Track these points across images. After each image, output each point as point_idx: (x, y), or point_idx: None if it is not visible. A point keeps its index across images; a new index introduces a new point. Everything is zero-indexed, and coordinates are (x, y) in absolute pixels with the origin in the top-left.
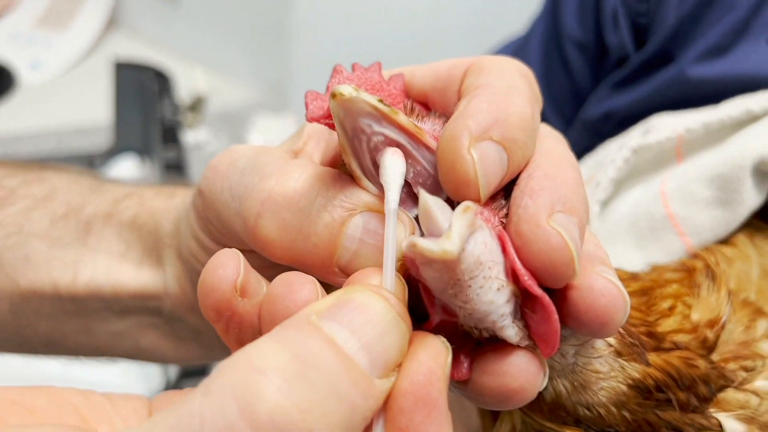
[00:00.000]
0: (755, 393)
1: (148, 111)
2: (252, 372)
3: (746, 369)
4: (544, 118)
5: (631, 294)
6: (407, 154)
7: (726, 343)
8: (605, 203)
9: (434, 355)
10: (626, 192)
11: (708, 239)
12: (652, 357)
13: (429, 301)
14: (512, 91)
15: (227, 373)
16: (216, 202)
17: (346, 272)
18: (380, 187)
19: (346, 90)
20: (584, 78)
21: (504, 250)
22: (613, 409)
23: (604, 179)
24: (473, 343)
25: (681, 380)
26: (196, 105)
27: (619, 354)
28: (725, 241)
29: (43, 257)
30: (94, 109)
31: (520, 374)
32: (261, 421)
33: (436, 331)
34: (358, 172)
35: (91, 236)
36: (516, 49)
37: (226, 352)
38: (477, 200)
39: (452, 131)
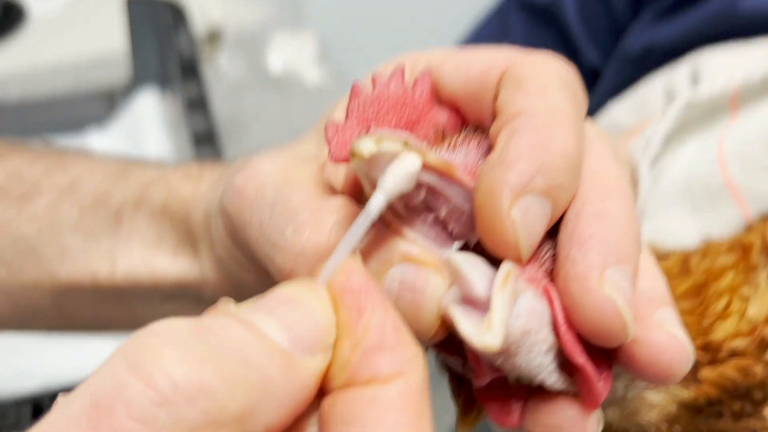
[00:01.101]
0: None
1: (164, 45)
2: (145, 334)
3: None
4: (581, 53)
5: (684, 295)
6: (437, 195)
7: None
8: (655, 162)
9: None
10: (679, 147)
11: None
12: (706, 372)
13: (476, 363)
14: (555, 120)
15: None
16: (246, 233)
17: None
18: (414, 229)
19: (366, 148)
20: (623, 7)
21: (552, 309)
22: (663, 427)
23: (655, 138)
24: (524, 390)
25: (736, 392)
26: (213, 37)
27: None
28: None
29: (78, 249)
30: (109, 38)
31: (571, 426)
32: (154, 376)
33: (486, 387)
34: (389, 216)
35: (123, 225)
36: None
37: None
38: (519, 261)
39: (490, 187)
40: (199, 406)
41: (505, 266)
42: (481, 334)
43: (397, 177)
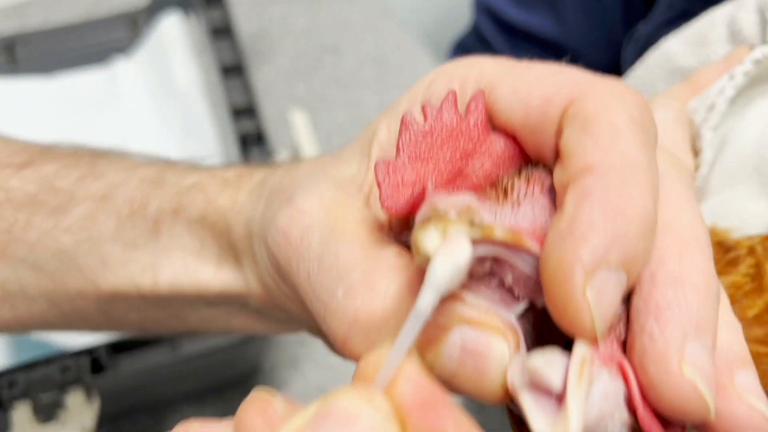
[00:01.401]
0: None
1: None
2: None
3: None
4: None
5: (757, 320)
6: (503, 263)
7: None
8: (718, 127)
9: None
10: (744, 111)
11: None
12: None
13: None
14: (629, 177)
15: None
16: (294, 280)
17: (448, 385)
18: (476, 293)
19: (431, 244)
20: None
21: (627, 387)
22: None
23: (720, 100)
24: None
25: None
26: None
27: None
28: None
29: (119, 260)
30: None
31: None
32: None
33: None
34: None
35: (162, 234)
36: None
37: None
38: (594, 342)
39: (561, 263)
40: None
41: (579, 351)
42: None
43: (446, 271)
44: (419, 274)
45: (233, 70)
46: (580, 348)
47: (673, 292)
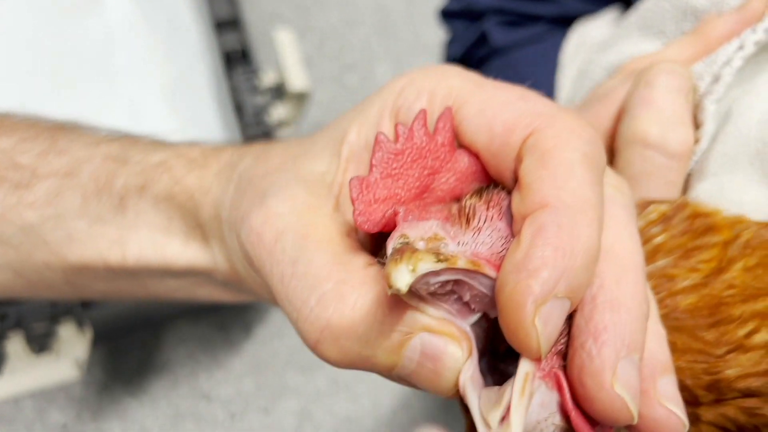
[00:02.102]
0: None
1: None
2: None
3: None
4: None
5: (692, 311)
6: (462, 284)
7: None
8: (721, 98)
9: None
10: (750, 82)
11: None
12: (705, 412)
13: None
14: (579, 215)
15: None
16: (268, 280)
17: (408, 383)
18: (438, 307)
19: (403, 282)
20: None
21: (561, 396)
22: None
23: (726, 72)
24: None
25: (737, 430)
26: None
27: None
28: None
29: (85, 235)
30: None
31: None
32: None
33: None
34: (414, 302)
35: (128, 211)
36: None
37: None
38: (537, 360)
39: (514, 296)
40: None
41: (524, 368)
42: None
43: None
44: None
45: (230, 23)
46: (524, 365)
47: (609, 315)
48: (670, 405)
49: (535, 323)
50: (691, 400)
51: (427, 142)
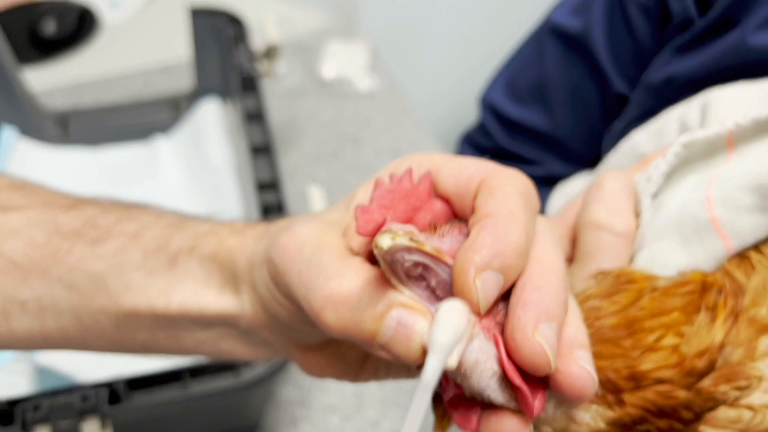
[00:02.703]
0: (749, 407)
1: (225, 56)
2: None
3: (739, 388)
4: (609, 80)
5: (614, 328)
6: (429, 270)
7: (723, 367)
8: (656, 195)
9: None
10: (679, 181)
11: (749, 242)
12: (627, 396)
13: (444, 381)
14: (511, 222)
15: None
16: (286, 277)
17: (385, 350)
18: (411, 290)
19: (385, 242)
20: (648, 40)
21: (497, 348)
22: None
23: (656, 174)
24: (480, 405)
25: (658, 411)
26: (270, 53)
27: (593, 402)
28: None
29: (140, 284)
30: (174, 46)
31: (511, 430)
32: None
33: (452, 400)
34: (394, 282)
35: (178, 266)
36: (579, 6)
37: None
38: (478, 314)
39: (462, 264)
40: None
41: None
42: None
43: (446, 335)
44: (379, 277)
45: (262, 150)
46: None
47: (535, 293)
48: (584, 364)
49: (476, 282)
50: (614, 389)
51: (411, 187)
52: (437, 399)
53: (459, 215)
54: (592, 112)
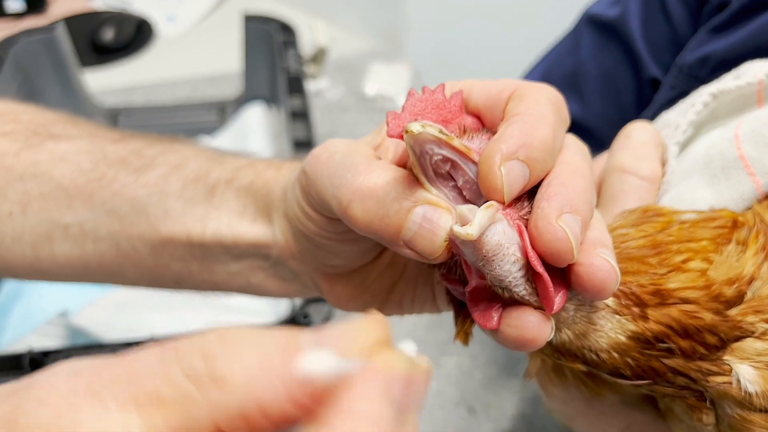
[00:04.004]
0: None
1: (274, 61)
2: (217, 336)
3: None
4: (644, 65)
5: (640, 248)
6: (458, 167)
7: (752, 300)
8: (684, 145)
9: None
10: (704, 135)
11: None
12: (651, 312)
13: (467, 269)
14: (540, 120)
15: None
16: (317, 183)
17: (409, 246)
18: (438, 189)
19: (415, 128)
20: (683, 25)
21: (521, 237)
22: (615, 354)
23: (683, 121)
24: (501, 303)
25: (682, 330)
26: (318, 57)
27: (616, 312)
28: None
29: (178, 212)
30: (224, 58)
31: (533, 328)
32: (197, 362)
33: (473, 292)
34: (422, 179)
35: (216, 197)
36: None
37: (318, 291)
38: (502, 202)
39: (489, 152)
40: (214, 396)
41: (490, 202)
42: (465, 228)
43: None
44: (407, 175)
45: (305, 145)
46: (490, 201)
47: (560, 188)
48: (606, 256)
49: (501, 169)
50: (638, 302)
51: (443, 100)
52: (460, 307)
53: (489, 128)
54: (625, 98)
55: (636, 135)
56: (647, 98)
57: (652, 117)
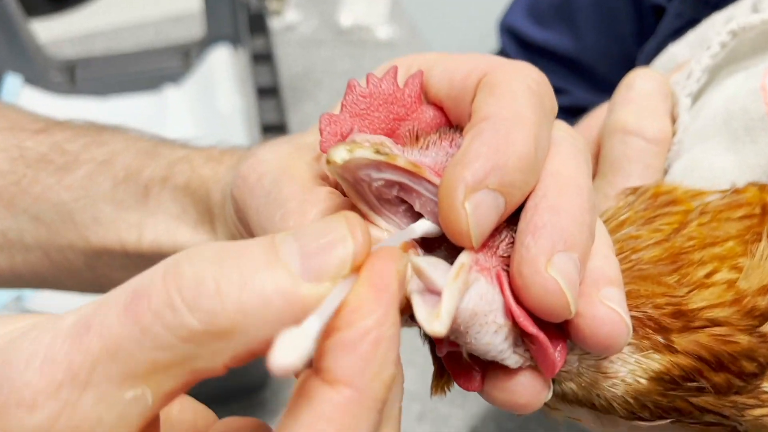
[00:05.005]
0: None
1: (236, 2)
2: (183, 253)
3: None
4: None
5: (655, 262)
6: (409, 190)
7: None
8: (698, 94)
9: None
10: (723, 81)
11: None
12: (677, 338)
13: (436, 338)
14: (515, 124)
15: None
16: (246, 213)
17: None
18: (387, 219)
19: (339, 156)
20: None
21: (502, 293)
22: (631, 401)
23: (697, 68)
24: (482, 362)
25: (715, 361)
26: None
27: (635, 350)
28: None
29: (109, 218)
30: None
31: (525, 392)
32: (171, 285)
33: (447, 356)
34: (365, 210)
35: (150, 199)
36: None
37: None
38: (471, 248)
39: (449, 182)
40: (196, 316)
41: (460, 259)
42: (430, 321)
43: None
44: (344, 205)
45: (269, 91)
46: (462, 256)
47: (548, 215)
48: (613, 305)
49: (465, 206)
50: (658, 329)
51: (394, 91)
52: (434, 355)
53: (454, 123)
54: (623, 28)
55: (639, 85)
56: (649, 28)
57: (655, 51)
